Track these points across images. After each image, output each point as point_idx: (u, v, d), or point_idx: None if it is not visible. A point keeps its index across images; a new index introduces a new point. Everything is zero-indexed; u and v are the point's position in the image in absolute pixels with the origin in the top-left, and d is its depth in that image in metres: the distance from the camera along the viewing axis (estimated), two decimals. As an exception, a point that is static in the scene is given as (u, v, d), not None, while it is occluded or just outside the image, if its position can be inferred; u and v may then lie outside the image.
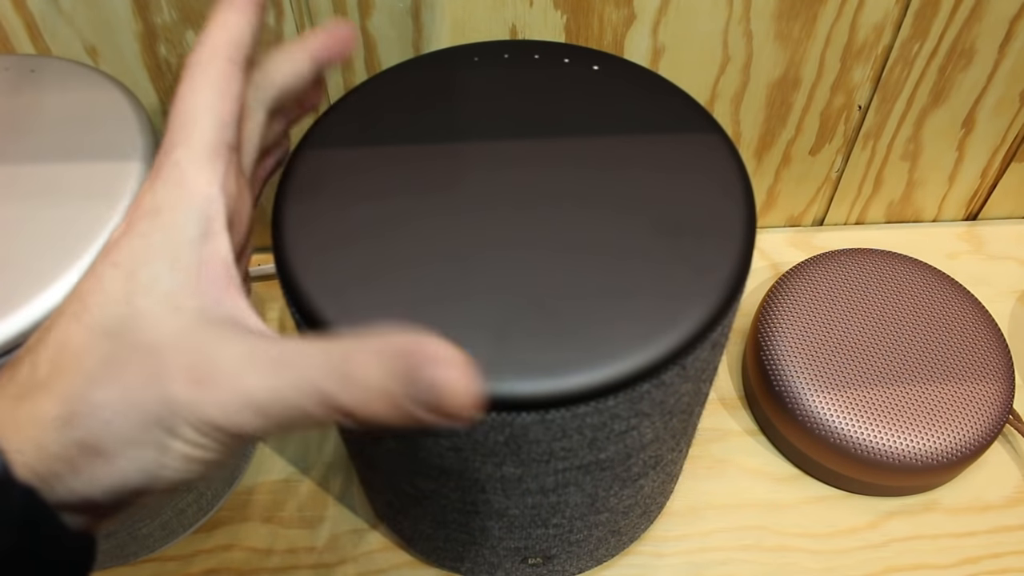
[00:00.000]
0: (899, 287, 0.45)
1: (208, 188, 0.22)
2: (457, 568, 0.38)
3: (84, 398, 0.20)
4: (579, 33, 0.41)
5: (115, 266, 0.21)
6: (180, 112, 0.22)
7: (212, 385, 0.20)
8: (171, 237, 0.21)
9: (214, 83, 0.22)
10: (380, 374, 0.19)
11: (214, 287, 0.21)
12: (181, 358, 0.20)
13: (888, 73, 0.45)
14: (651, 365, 0.24)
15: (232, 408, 0.20)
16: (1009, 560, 0.41)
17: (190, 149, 0.22)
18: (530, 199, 0.28)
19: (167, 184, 0.22)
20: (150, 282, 0.21)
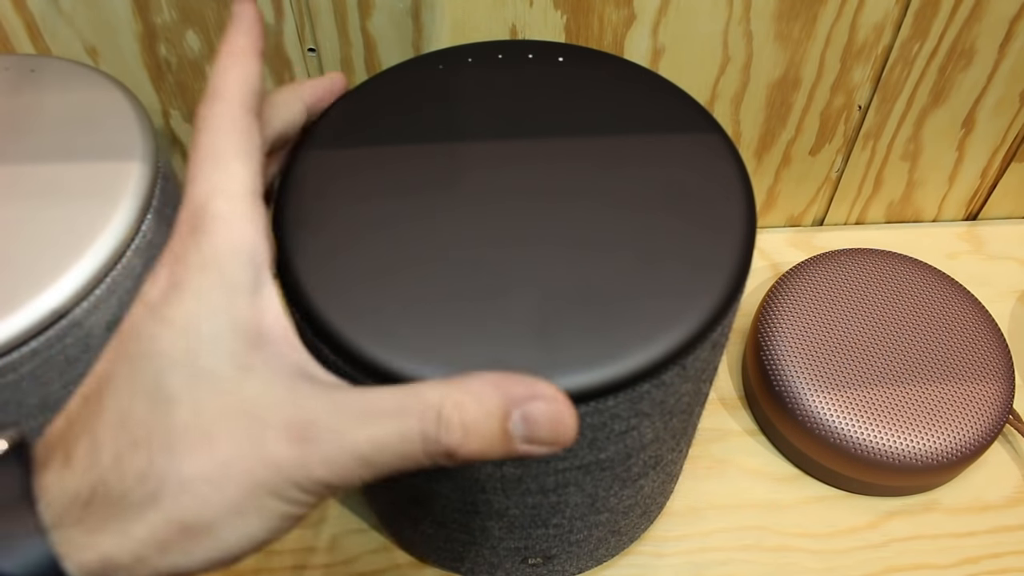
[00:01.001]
0: (899, 287, 0.45)
1: (255, 239, 0.21)
2: (457, 568, 0.38)
3: (173, 475, 0.19)
4: (579, 33, 0.41)
5: (170, 324, 0.20)
6: (207, 161, 0.21)
7: (315, 442, 0.19)
8: (227, 293, 0.20)
9: (239, 132, 0.22)
10: (482, 415, 0.19)
11: (276, 340, 0.20)
12: (273, 417, 0.19)
13: (888, 73, 0.45)
14: (651, 365, 0.24)
15: (339, 463, 0.19)
16: (1009, 560, 0.41)
17: (231, 199, 0.21)
18: (529, 200, 0.28)
19: (212, 236, 0.20)
20: (213, 340, 0.20)
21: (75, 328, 0.27)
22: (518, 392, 0.20)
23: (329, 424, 0.19)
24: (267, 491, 0.19)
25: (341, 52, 0.41)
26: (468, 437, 0.19)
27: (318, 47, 0.41)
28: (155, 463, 0.19)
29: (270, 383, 0.20)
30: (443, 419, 0.19)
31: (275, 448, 0.19)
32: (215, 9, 0.39)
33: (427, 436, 0.19)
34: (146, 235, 0.30)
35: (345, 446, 0.19)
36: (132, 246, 0.29)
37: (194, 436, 0.19)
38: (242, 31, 0.24)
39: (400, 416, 0.19)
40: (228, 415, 0.19)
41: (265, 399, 0.19)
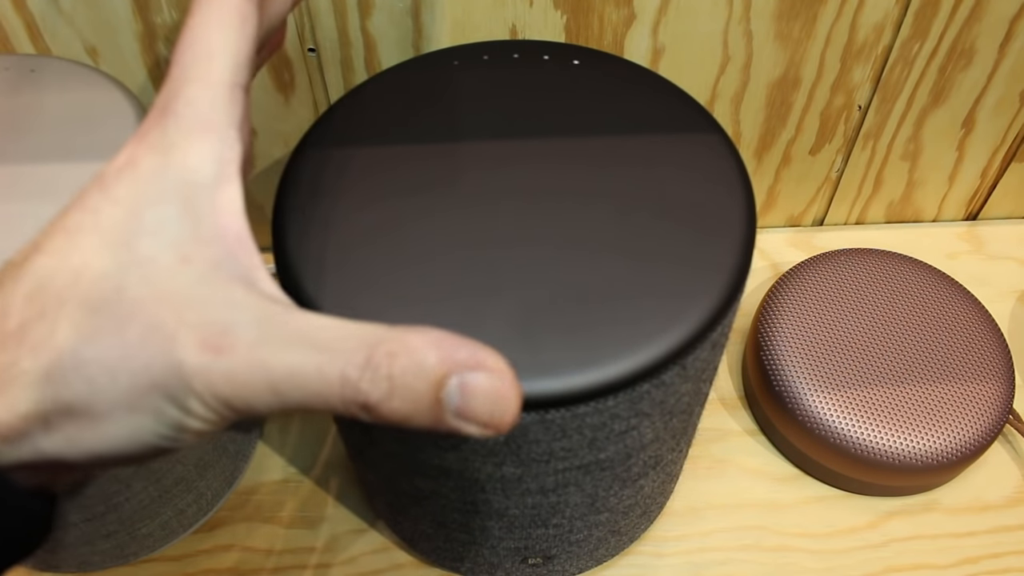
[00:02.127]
0: (899, 287, 0.45)
1: (227, 130, 0.20)
2: (457, 568, 0.38)
3: (71, 353, 0.17)
4: (579, 33, 0.41)
5: (115, 203, 0.18)
6: (192, 46, 0.20)
7: (227, 353, 0.17)
8: (184, 178, 0.19)
9: (231, 21, 0.20)
10: (414, 371, 0.17)
11: (227, 239, 0.19)
12: (192, 318, 0.18)
13: (888, 73, 0.45)
14: (651, 365, 0.24)
15: (245, 384, 0.18)
16: (1009, 560, 0.41)
17: (207, 87, 0.20)
18: (529, 199, 0.28)
19: (180, 120, 0.19)
20: (157, 225, 0.18)
21: (75, 328, 0.27)
22: (460, 356, 0.18)
23: (248, 339, 0.18)
24: (162, 393, 0.18)
25: (341, 52, 0.41)
26: (393, 393, 0.17)
27: (318, 47, 0.41)
28: (56, 336, 0.17)
29: (204, 280, 0.18)
30: (370, 365, 0.17)
31: (183, 350, 0.17)
32: (215, 9, 0.39)
33: (347, 380, 0.17)
34: (146, 235, 0.30)
35: (257, 368, 0.17)
36: (132, 246, 0.29)
37: (106, 318, 0.18)
38: None
39: (325, 351, 0.18)
40: (148, 304, 0.18)
41: (192, 295, 0.18)
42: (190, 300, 0.18)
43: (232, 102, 0.20)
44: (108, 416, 0.18)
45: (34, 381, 0.17)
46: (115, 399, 0.18)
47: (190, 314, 0.18)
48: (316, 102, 0.44)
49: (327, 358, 0.17)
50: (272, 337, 0.18)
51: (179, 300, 0.18)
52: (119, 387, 0.17)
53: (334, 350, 0.18)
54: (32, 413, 0.17)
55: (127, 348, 0.17)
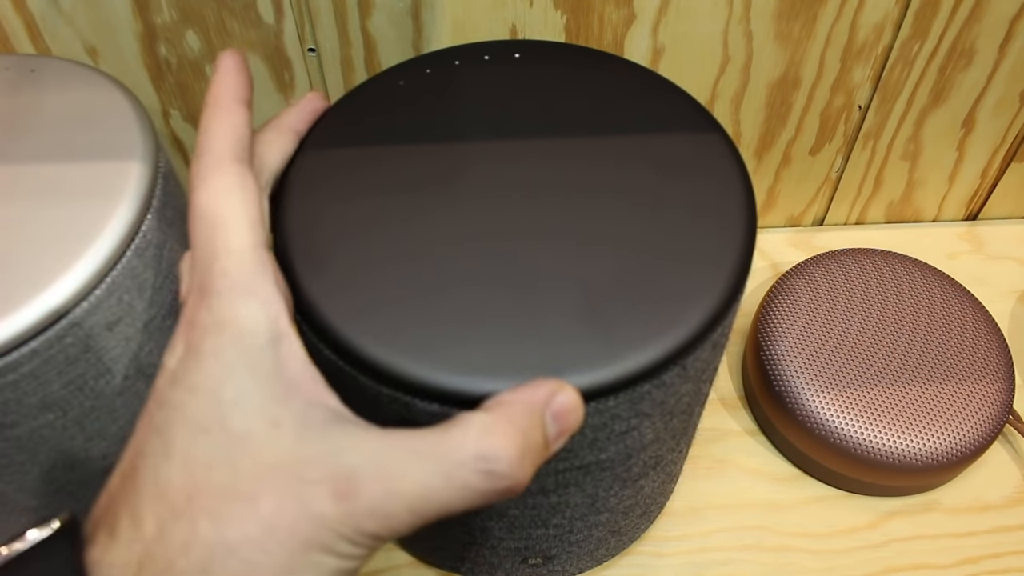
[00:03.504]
0: (899, 287, 0.45)
1: (265, 287, 0.21)
2: (457, 568, 0.38)
3: (219, 542, 0.18)
4: (579, 33, 0.41)
5: (192, 391, 0.19)
6: (204, 222, 0.21)
7: (359, 494, 0.19)
8: (244, 348, 0.20)
9: (233, 186, 0.22)
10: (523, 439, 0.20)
11: (303, 389, 0.20)
12: (313, 472, 0.19)
13: (888, 73, 0.45)
14: (651, 365, 0.24)
15: (387, 514, 0.19)
16: (1009, 560, 0.41)
17: (234, 256, 0.21)
18: (528, 200, 0.28)
19: (221, 296, 0.20)
20: (239, 400, 0.19)
21: (75, 328, 0.27)
22: (540, 397, 0.21)
23: (372, 475, 0.19)
24: (316, 548, 0.19)
25: (341, 52, 0.41)
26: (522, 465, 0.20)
27: (318, 47, 0.41)
28: (199, 531, 0.18)
29: (304, 436, 0.19)
30: (485, 455, 0.19)
31: (319, 504, 0.18)
32: (215, 9, 0.39)
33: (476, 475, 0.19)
34: (146, 235, 0.30)
35: (391, 496, 0.19)
36: (132, 246, 0.29)
37: (235, 499, 0.18)
38: (226, 81, 0.24)
39: (442, 459, 0.19)
40: (266, 475, 0.19)
41: (301, 453, 0.19)
42: (301, 460, 0.19)
43: (261, 262, 0.21)
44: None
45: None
46: (274, 569, 0.18)
47: (308, 472, 0.19)
48: (316, 102, 0.44)
49: (449, 466, 0.19)
50: (389, 464, 0.19)
51: (292, 462, 0.19)
52: (275, 558, 0.18)
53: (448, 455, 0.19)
54: None
55: (268, 521, 0.18)
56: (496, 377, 0.24)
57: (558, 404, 0.21)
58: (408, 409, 0.25)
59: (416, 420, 0.25)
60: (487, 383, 0.23)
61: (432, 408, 0.24)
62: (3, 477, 0.30)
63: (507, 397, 0.21)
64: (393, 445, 0.19)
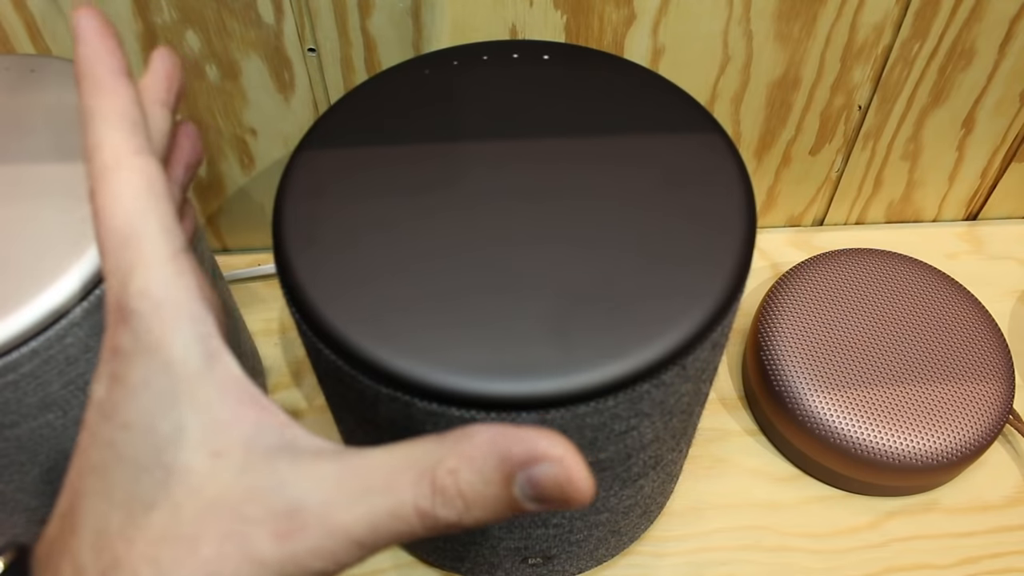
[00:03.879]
0: (899, 287, 0.45)
1: (190, 305, 0.18)
2: (457, 568, 0.38)
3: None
4: (579, 33, 0.41)
5: (126, 428, 0.18)
6: (111, 232, 0.18)
7: (303, 533, 0.17)
8: (175, 374, 0.18)
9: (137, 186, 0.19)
10: (481, 481, 0.18)
11: (244, 412, 0.19)
12: (253, 512, 0.18)
13: (888, 73, 0.45)
14: (651, 365, 0.24)
15: (331, 551, 0.18)
16: (1009, 560, 0.41)
17: (149, 269, 0.18)
18: (528, 200, 0.28)
19: (142, 318, 0.18)
20: (175, 433, 0.18)
21: (75, 328, 0.27)
22: (518, 454, 0.18)
23: (316, 511, 0.18)
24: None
25: (341, 52, 0.41)
26: (469, 507, 0.18)
27: (318, 47, 0.41)
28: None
29: (246, 468, 0.18)
30: (438, 489, 0.18)
31: (261, 546, 0.17)
32: (215, 9, 0.39)
33: (423, 512, 0.18)
34: (146, 235, 0.30)
35: (336, 534, 0.18)
36: (132, 246, 0.29)
37: (176, 543, 0.17)
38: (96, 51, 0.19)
39: (390, 491, 0.18)
40: (207, 513, 0.18)
41: (243, 488, 0.18)
42: (243, 494, 0.18)
43: (180, 273, 0.19)
44: None
45: None
46: None
47: (250, 509, 0.18)
48: (316, 102, 0.44)
49: (395, 499, 0.18)
50: (336, 498, 0.18)
51: (232, 498, 0.18)
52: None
53: (397, 487, 0.18)
54: None
55: (210, 567, 0.17)
56: (497, 377, 0.24)
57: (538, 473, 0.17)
58: (408, 409, 0.25)
59: (416, 420, 0.25)
60: (487, 383, 0.23)
61: (432, 408, 0.24)
62: (3, 477, 0.30)
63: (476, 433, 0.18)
64: (339, 473, 0.18)
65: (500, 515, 0.18)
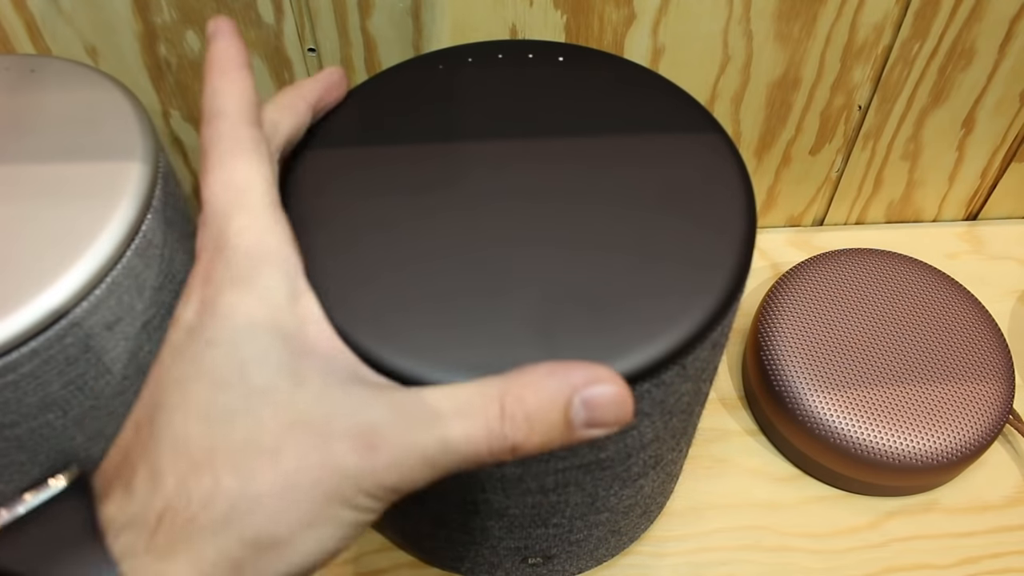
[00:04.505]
0: (899, 287, 0.45)
1: (284, 248, 0.21)
2: (457, 568, 0.38)
3: (242, 495, 0.18)
4: (579, 33, 0.41)
5: (212, 345, 0.19)
6: (220, 184, 0.21)
7: (382, 448, 0.19)
8: (264, 304, 0.20)
9: (248, 149, 0.22)
10: (546, 406, 0.19)
11: (322, 346, 0.20)
12: (335, 426, 0.19)
13: (888, 73, 0.45)
14: (651, 365, 0.24)
15: (407, 467, 0.19)
16: (1009, 560, 0.41)
17: (252, 214, 0.21)
18: (528, 199, 0.28)
19: (239, 252, 0.20)
20: (259, 357, 0.19)
21: (75, 328, 0.27)
22: (577, 378, 0.20)
23: (393, 429, 0.19)
24: (338, 501, 0.19)
25: (341, 52, 0.41)
26: (533, 430, 0.19)
27: (318, 47, 0.41)
28: (221, 484, 0.18)
29: (325, 391, 0.19)
30: (506, 414, 0.19)
31: (342, 458, 0.19)
32: (215, 9, 0.39)
33: (492, 433, 0.19)
34: (146, 235, 0.30)
35: (412, 450, 0.19)
36: (132, 246, 0.29)
37: (258, 452, 0.18)
38: (226, 46, 0.24)
39: (463, 415, 0.19)
40: (289, 428, 0.19)
41: (323, 408, 0.19)
42: (323, 414, 0.19)
43: (277, 221, 0.21)
44: (293, 540, 0.19)
45: (216, 531, 0.18)
46: (297, 522, 0.19)
47: (331, 426, 0.19)
48: (316, 102, 0.44)
49: (469, 422, 0.19)
50: (411, 421, 0.19)
51: (313, 417, 0.19)
52: (298, 511, 0.18)
53: (469, 412, 0.19)
54: (220, 560, 0.18)
55: (291, 474, 0.18)
56: (496, 377, 0.24)
57: (592, 393, 0.20)
58: (408, 409, 0.25)
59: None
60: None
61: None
62: (3, 477, 0.30)
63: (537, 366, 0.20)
64: (412, 401, 0.20)
65: (555, 442, 0.20)
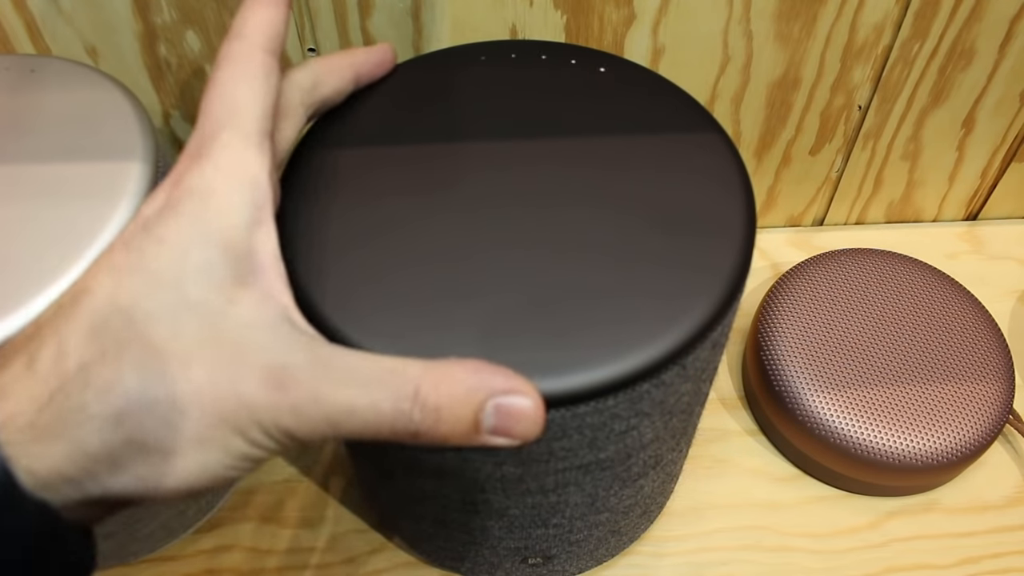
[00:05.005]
0: (899, 287, 0.45)
1: (260, 173, 0.21)
2: (457, 568, 0.38)
3: (140, 394, 0.18)
4: (579, 33, 0.41)
5: (159, 242, 0.19)
6: (221, 98, 0.21)
7: (289, 390, 0.19)
8: (223, 221, 0.20)
9: (256, 75, 0.22)
10: (460, 399, 0.19)
11: (266, 279, 0.20)
12: (252, 356, 0.19)
13: (888, 73, 0.45)
14: (651, 365, 0.24)
15: (308, 417, 0.19)
16: (1009, 560, 0.41)
17: (240, 133, 0.21)
18: (530, 199, 0.28)
19: (217, 164, 0.20)
20: (204, 267, 0.19)
21: (75, 328, 0.27)
22: (497, 383, 0.20)
23: (306, 376, 0.19)
24: (232, 427, 0.19)
25: (341, 52, 0.41)
26: (439, 420, 0.19)
27: (318, 47, 0.41)
28: (123, 379, 0.18)
29: (254, 321, 0.19)
30: (419, 398, 0.19)
31: (249, 387, 0.18)
32: (215, 9, 0.39)
33: (399, 411, 0.19)
34: (146, 235, 0.30)
35: (318, 402, 0.19)
36: (132, 246, 0.29)
37: (170, 358, 0.18)
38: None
39: (377, 386, 0.19)
40: (207, 344, 0.18)
41: (247, 336, 0.19)
42: (245, 341, 0.19)
43: (262, 149, 0.21)
44: (179, 452, 0.18)
45: (104, 424, 0.18)
46: (186, 436, 0.18)
47: (249, 354, 0.19)
48: (316, 102, 0.44)
49: (381, 394, 0.19)
50: (327, 375, 0.19)
51: (235, 341, 0.19)
52: (190, 424, 0.18)
53: (384, 385, 0.19)
54: (101, 454, 0.18)
55: (195, 387, 0.18)
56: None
57: (507, 402, 0.20)
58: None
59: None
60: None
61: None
62: None
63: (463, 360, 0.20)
64: (334, 358, 0.19)
65: (459, 438, 0.20)
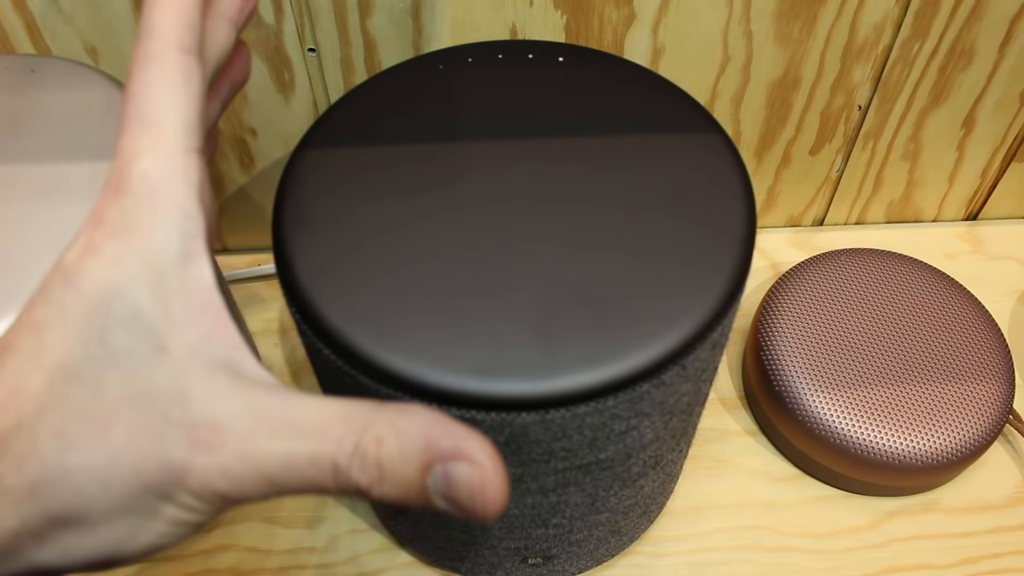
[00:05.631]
0: (899, 287, 0.45)
1: (185, 202, 0.19)
2: (457, 568, 0.38)
3: (56, 464, 0.17)
4: (579, 33, 0.41)
5: (80, 294, 0.17)
6: (136, 114, 0.19)
7: (218, 450, 0.17)
8: (149, 260, 0.18)
9: (174, 80, 0.19)
10: (401, 458, 0.18)
11: (202, 319, 0.18)
12: (177, 415, 0.17)
13: (888, 73, 0.45)
14: (651, 365, 0.24)
15: (241, 478, 0.17)
16: (1009, 560, 0.41)
17: (159, 157, 0.19)
18: (529, 199, 0.28)
19: (137, 198, 0.18)
20: (129, 315, 0.17)
21: (75, 328, 0.27)
22: (444, 446, 0.18)
23: (238, 431, 0.17)
24: (157, 494, 0.17)
25: (341, 52, 0.41)
26: (383, 478, 0.18)
27: (318, 47, 0.41)
28: (38, 447, 0.17)
29: (185, 372, 0.18)
30: (359, 452, 0.17)
31: (173, 449, 0.17)
32: (215, 9, 0.39)
33: (338, 468, 0.17)
34: (146, 235, 0.30)
35: (250, 461, 0.17)
36: (132, 246, 0.29)
37: (86, 421, 0.17)
38: None
39: (315, 438, 0.17)
40: (131, 402, 0.17)
41: (175, 389, 0.17)
42: (173, 395, 0.17)
43: (187, 170, 0.19)
44: (102, 522, 0.17)
45: (21, 497, 0.17)
46: (108, 505, 0.17)
47: (175, 410, 0.17)
48: (316, 102, 0.44)
49: (317, 446, 0.17)
50: (261, 427, 0.18)
51: (161, 395, 0.17)
52: (111, 493, 0.17)
53: (323, 436, 0.18)
54: (21, 529, 0.17)
55: (114, 452, 0.17)
56: (496, 377, 0.24)
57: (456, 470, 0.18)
58: (408, 409, 0.25)
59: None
60: (487, 383, 0.23)
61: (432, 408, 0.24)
62: None
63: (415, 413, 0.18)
64: (272, 407, 0.18)
65: (408, 499, 0.18)
